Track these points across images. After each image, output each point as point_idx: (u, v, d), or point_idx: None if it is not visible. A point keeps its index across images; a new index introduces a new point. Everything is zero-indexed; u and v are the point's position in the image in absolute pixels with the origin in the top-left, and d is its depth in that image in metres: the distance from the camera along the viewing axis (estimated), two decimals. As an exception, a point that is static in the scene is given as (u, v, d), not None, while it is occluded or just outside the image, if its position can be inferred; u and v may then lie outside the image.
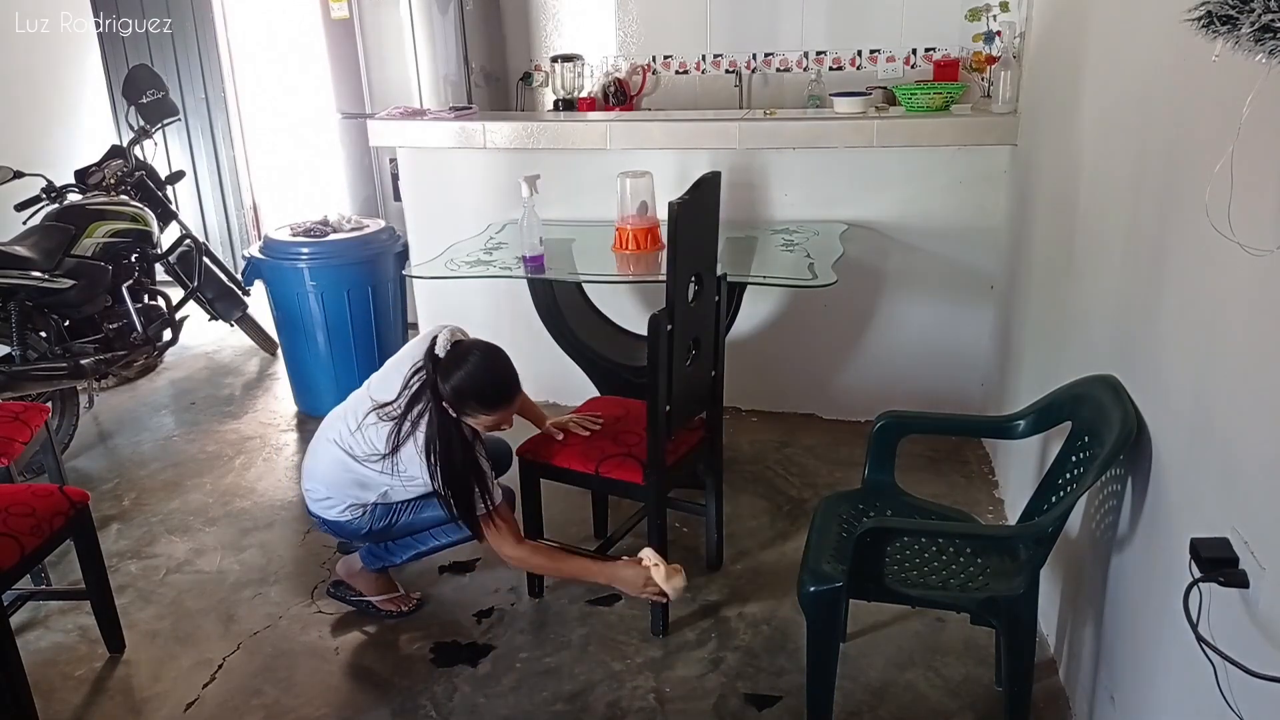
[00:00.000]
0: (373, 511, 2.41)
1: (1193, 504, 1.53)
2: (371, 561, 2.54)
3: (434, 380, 2.25)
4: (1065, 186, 2.42)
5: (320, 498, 2.43)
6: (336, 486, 2.39)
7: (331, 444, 2.38)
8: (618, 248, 3.16)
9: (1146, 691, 1.69)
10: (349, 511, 2.41)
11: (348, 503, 2.39)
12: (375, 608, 2.57)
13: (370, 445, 2.30)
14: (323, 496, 2.42)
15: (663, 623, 2.45)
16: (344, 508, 2.40)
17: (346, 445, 2.34)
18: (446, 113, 3.89)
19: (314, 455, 2.46)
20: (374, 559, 2.54)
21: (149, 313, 4.24)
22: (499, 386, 2.29)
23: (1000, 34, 3.16)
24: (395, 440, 2.26)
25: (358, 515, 2.41)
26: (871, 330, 3.57)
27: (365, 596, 2.58)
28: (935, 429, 2.84)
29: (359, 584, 2.58)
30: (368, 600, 2.58)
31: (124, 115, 5.12)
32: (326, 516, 2.43)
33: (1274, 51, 1.01)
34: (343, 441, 2.35)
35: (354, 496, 2.38)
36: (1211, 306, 1.47)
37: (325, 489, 2.41)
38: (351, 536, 2.49)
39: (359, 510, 2.41)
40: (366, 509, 2.41)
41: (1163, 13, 1.67)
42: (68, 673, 2.39)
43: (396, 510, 2.43)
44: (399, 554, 2.52)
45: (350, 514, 2.41)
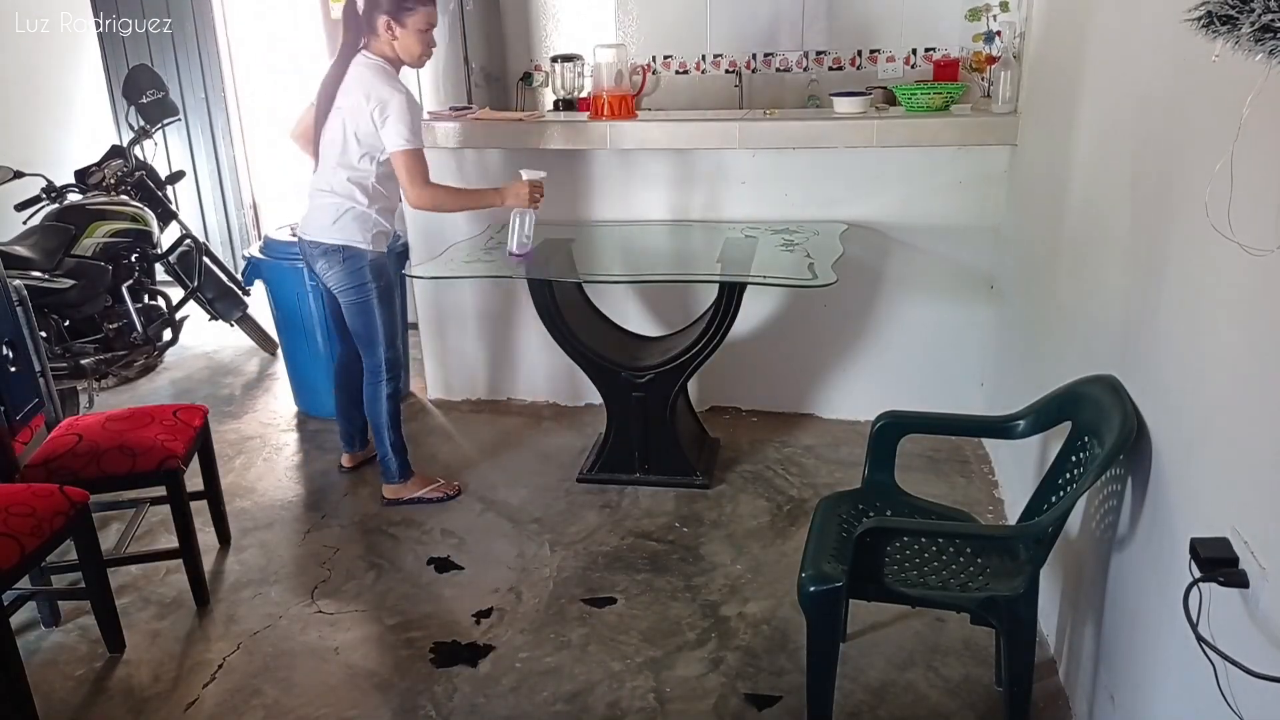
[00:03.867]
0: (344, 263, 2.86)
1: (1193, 504, 1.53)
2: (389, 476, 3.09)
3: (364, 14, 2.69)
4: (1065, 186, 2.42)
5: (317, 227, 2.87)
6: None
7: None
8: (594, 116, 3.49)
9: (1146, 691, 1.69)
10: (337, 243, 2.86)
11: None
12: (426, 499, 3.10)
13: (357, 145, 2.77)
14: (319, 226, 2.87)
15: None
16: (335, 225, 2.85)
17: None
18: (446, 113, 3.89)
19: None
20: (388, 473, 3.09)
21: (149, 313, 4.25)
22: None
23: (1000, 34, 3.16)
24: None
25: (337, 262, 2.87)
26: (871, 330, 3.58)
27: (411, 495, 3.09)
28: (935, 429, 2.83)
29: (405, 492, 3.09)
30: (416, 498, 3.09)
31: (124, 115, 5.12)
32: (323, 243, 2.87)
33: (1274, 51, 1.01)
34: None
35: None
36: (1212, 306, 1.47)
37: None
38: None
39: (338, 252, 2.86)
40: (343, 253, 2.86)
41: (1163, 13, 1.67)
42: (68, 673, 2.39)
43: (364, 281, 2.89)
44: (383, 455, 3.07)
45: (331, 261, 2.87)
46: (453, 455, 3.52)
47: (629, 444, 3.20)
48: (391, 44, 2.73)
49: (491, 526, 3.00)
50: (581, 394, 3.77)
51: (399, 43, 2.72)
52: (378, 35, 2.72)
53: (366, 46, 2.75)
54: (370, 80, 2.70)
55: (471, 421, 3.83)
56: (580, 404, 3.86)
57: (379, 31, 2.71)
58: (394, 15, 2.68)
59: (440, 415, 3.91)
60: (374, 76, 2.70)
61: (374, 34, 2.72)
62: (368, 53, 2.74)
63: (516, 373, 3.95)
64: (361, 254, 2.86)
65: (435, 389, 4.06)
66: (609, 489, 3.20)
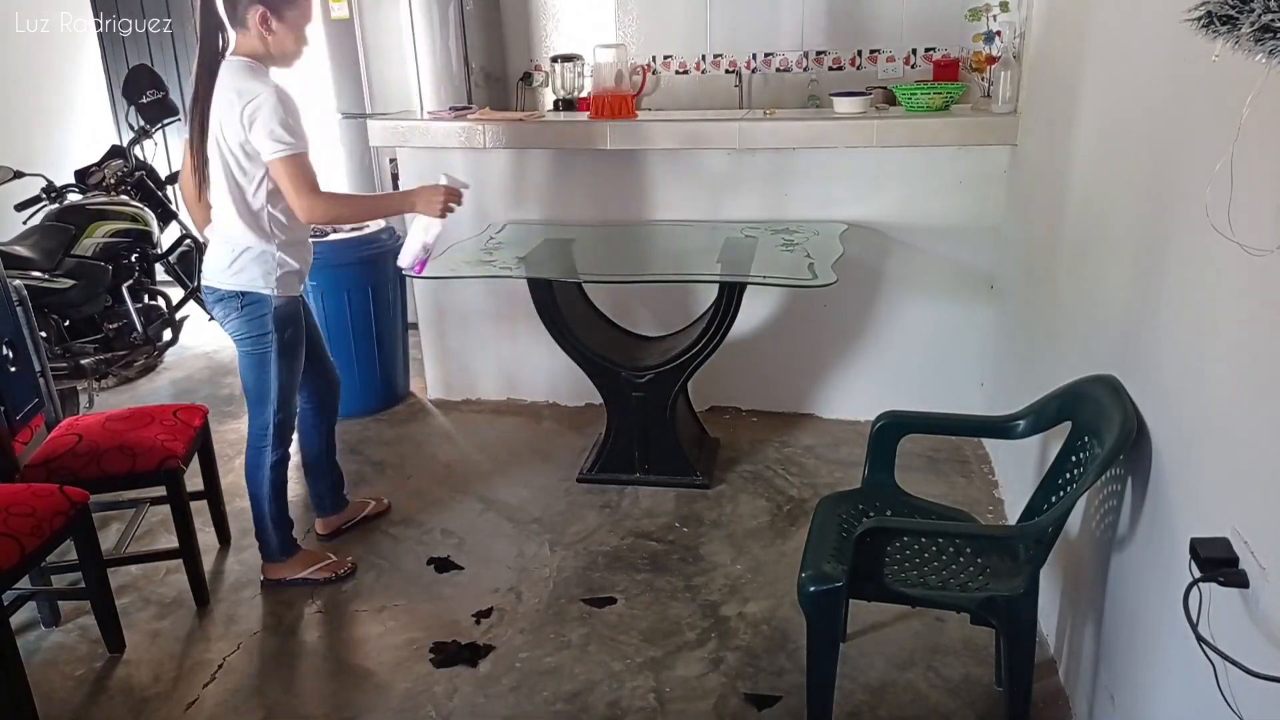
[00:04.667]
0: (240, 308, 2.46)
1: (1193, 504, 1.53)
2: (270, 554, 2.71)
3: (228, 8, 2.31)
4: (1065, 186, 2.42)
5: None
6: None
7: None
8: (594, 116, 3.51)
9: (1146, 691, 1.69)
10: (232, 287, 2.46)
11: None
12: (311, 579, 2.71)
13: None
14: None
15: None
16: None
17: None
18: (446, 113, 3.89)
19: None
20: (268, 551, 2.71)
21: (149, 313, 4.25)
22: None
23: (1000, 34, 3.16)
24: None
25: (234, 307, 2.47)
26: (871, 330, 3.58)
27: (297, 575, 2.71)
28: (935, 429, 2.83)
29: (287, 572, 2.72)
30: (303, 578, 2.71)
31: (124, 115, 5.13)
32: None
33: (1274, 51, 1.01)
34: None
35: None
36: (1211, 306, 1.47)
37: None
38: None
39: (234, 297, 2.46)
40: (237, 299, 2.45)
41: (1163, 13, 1.67)
42: (68, 672, 2.39)
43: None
44: (262, 535, 2.69)
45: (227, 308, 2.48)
46: (453, 455, 3.52)
47: (629, 444, 3.20)
48: (264, 39, 2.34)
49: (491, 526, 3.00)
50: (581, 394, 3.77)
51: (273, 39, 2.34)
52: (246, 30, 2.34)
53: (228, 48, 2.37)
54: (239, 79, 2.31)
55: (471, 421, 3.83)
56: (580, 404, 3.86)
57: (249, 26, 2.33)
58: (272, 7, 2.31)
59: (440, 415, 3.91)
60: (240, 75, 2.32)
61: (242, 29, 2.34)
62: (235, 55, 2.36)
63: (516, 373, 3.95)
64: (264, 300, 2.45)
65: (435, 389, 4.06)
66: (609, 489, 3.20)
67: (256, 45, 2.36)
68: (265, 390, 2.54)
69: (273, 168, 2.33)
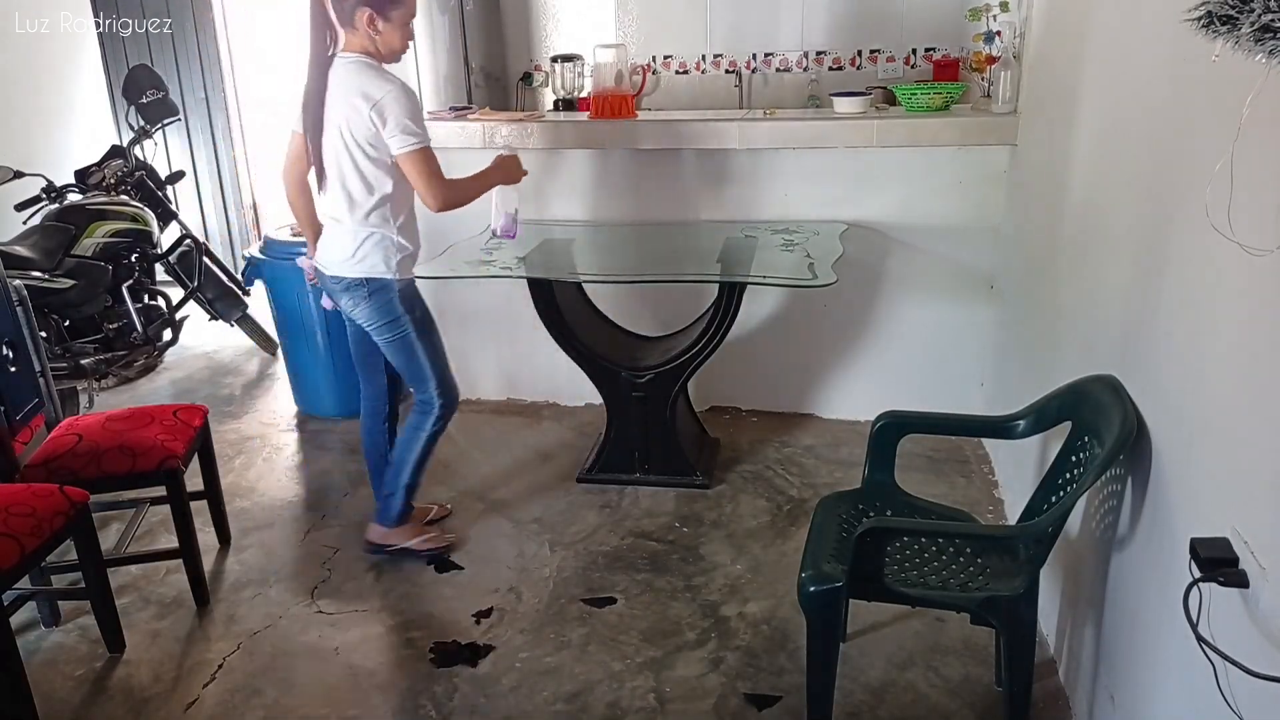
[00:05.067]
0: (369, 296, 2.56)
1: (1193, 504, 1.53)
2: (383, 515, 2.79)
3: (337, 9, 2.41)
4: (1065, 186, 2.42)
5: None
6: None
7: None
8: (594, 116, 3.51)
9: (1146, 691, 1.69)
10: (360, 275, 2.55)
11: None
12: (414, 553, 2.79)
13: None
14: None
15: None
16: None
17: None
18: (446, 113, 3.89)
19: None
20: (383, 510, 2.79)
21: (149, 313, 4.25)
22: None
23: (1000, 34, 3.16)
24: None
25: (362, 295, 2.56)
26: (871, 330, 3.58)
27: (398, 545, 2.80)
28: (935, 429, 2.83)
29: (394, 539, 2.80)
30: (402, 549, 2.79)
31: (124, 115, 5.13)
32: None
33: (1274, 51, 1.01)
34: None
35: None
36: (1212, 306, 1.47)
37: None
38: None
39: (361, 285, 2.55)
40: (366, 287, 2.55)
41: (1163, 13, 1.67)
42: (68, 673, 2.39)
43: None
44: (391, 491, 2.76)
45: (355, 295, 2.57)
46: (453, 455, 3.52)
47: (629, 444, 3.20)
48: (373, 39, 2.44)
49: (491, 526, 3.00)
50: (581, 394, 3.76)
51: (381, 38, 2.44)
52: (355, 30, 2.43)
53: (340, 46, 2.47)
54: (362, 79, 2.42)
55: (471, 421, 3.82)
56: (580, 404, 3.86)
57: (357, 26, 2.42)
58: (378, 8, 2.41)
59: (440, 415, 3.91)
60: (362, 74, 2.43)
61: (350, 29, 2.44)
62: (345, 53, 2.46)
63: (516, 373, 3.95)
64: (388, 284, 2.56)
65: (435, 389, 4.06)
66: (609, 489, 3.20)
67: (366, 44, 2.45)
68: (419, 369, 2.66)
69: (403, 161, 2.44)
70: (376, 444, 2.87)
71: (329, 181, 2.53)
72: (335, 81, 2.44)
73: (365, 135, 2.43)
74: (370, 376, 2.82)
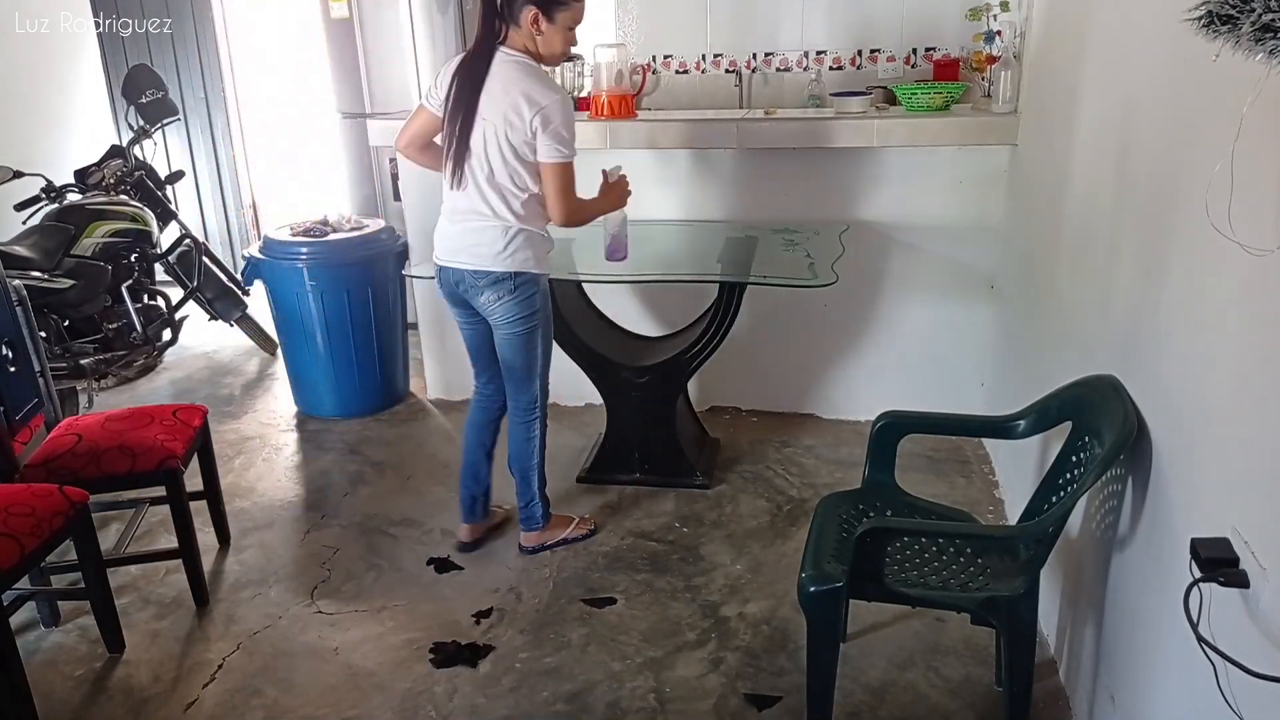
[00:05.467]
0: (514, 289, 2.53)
1: (1193, 504, 1.53)
2: (529, 521, 2.83)
3: (504, 3, 2.39)
4: (1065, 186, 2.42)
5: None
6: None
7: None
8: (594, 116, 3.49)
9: (1147, 691, 1.69)
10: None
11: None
12: (570, 540, 2.87)
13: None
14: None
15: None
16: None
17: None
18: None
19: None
20: (527, 518, 2.83)
21: (149, 313, 4.25)
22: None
23: (1000, 34, 3.16)
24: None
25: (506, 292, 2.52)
26: (871, 330, 3.58)
27: (556, 539, 2.86)
28: (935, 429, 2.83)
29: (548, 537, 2.85)
30: (561, 540, 2.86)
31: (124, 115, 5.12)
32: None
33: (1274, 51, 1.01)
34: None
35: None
36: (1212, 306, 1.47)
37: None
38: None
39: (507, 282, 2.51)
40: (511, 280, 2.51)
41: (1163, 13, 1.67)
42: (68, 673, 2.39)
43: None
44: (529, 499, 2.81)
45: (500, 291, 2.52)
46: (453, 455, 3.52)
47: (629, 444, 3.20)
48: (534, 38, 2.41)
49: (491, 526, 3.00)
50: (581, 394, 3.76)
51: (543, 38, 2.42)
52: (519, 28, 2.40)
53: (504, 40, 2.43)
54: (527, 82, 2.38)
55: (471, 421, 3.82)
56: (580, 404, 3.85)
57: (521, 24, 2.39)
58: (544, 8, 2.38)
59: (440, 415, 3.91)
60: (529, 77, 2.39)
61: (514, 26, 2.40)
62: (509, 49, 2.42)
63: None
64: (535, 279, 2.55)
65: (435, 389, 4.06)
66: (609, 489, 3.19)
67: (528, 42, 2.43)
68: (533, 365, 2.66)
69: (546, 169, 2.44)
70: (484, 441, 2.85)
71: (472, 175, 2.46)
72: (497, 75, 2.40)
73: (523, 137, 2.41)
74: (493, 376, 2.78)
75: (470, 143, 2.43)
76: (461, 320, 2.70)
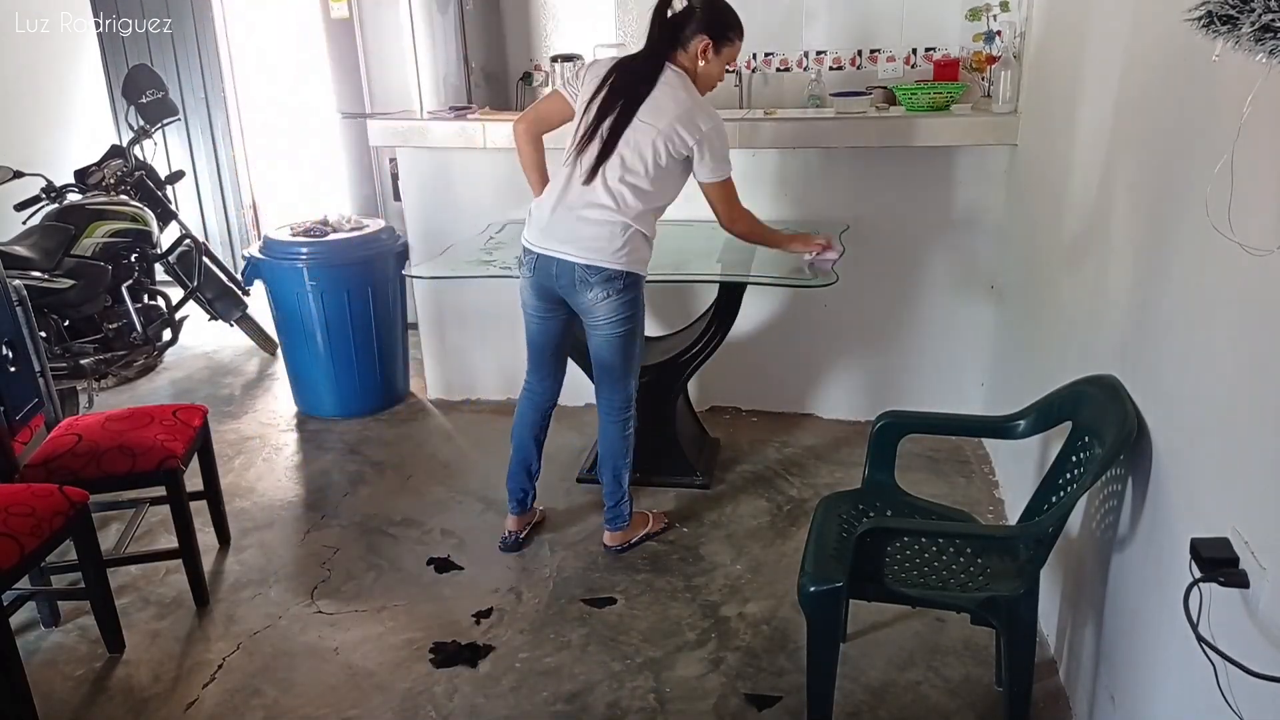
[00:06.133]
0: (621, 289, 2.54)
1: (1193, 504, 1.53)
2: (616, 520, 2.83)
3: (678, 23, 2.49)
4: (1065, 186, 2.42)
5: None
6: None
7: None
8: None
9: (1147, 691, 1.69)
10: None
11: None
12: (650, 536, 2.89)
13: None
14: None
15: None
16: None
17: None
18: (446, 112, 3.89)
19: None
20: (615, 518, 2.83)
21: (149, 313, 4.25)
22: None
23: (1000, 34, 3.16)
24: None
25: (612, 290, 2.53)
26: (871, 330, 3.57)
27: (638, 536, 2.87)
28: (935, 429, 2.83)
29: (633, 535, 2.86)
30: (642, 537, 2.88)
31: (124, 115, 5.12)
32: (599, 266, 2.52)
33: (1274, 51, 1.01)
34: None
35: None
36: (1212, 306, 1.47)
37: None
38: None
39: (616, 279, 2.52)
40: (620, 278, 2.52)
41: (1163, 13, 1.67)
42: (68, 673, 2.39)
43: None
44: (618, 499, 2.81)
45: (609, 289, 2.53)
46: (453, 455, 3.52)
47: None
48: (697, 64, 2.50)
49: (491, 526, 3.00)
50: (581, 394, 3.76)
51: (707, 66, 2.51)
52: (686, 51, 2.49)
53: (672, 59, 2.50)
54: (694, 103, 2.46)
55: (471, 421, 3.82)
56: (580, 404, 3.85)
57: (689, 48, 2.49)
58: (716, 39, 2.49)
59: (440, 415, 3.91)
60: (695, 99, 2.47)
61: (682, 49, 2.49)
62: (675, 65, 2.49)
63: (516, 373, 3.91)
64: (639, 280, 2.59)
65: (435, 389, 4.06)
66: (609, 489, 3.19)
67: (691, 66, 2.51)
68: (631, 364, 2.68)
69: (713, 188, 2.56)
70: (538, 440, 2.89)
71: (608, 174, 2.47)
72: (666, 86, 2.46)
73: (680, 154, 2.47)
74: (552, 374, 2.84)
75: (620, 142, 2.45)
76: (538, 314, 2.71)
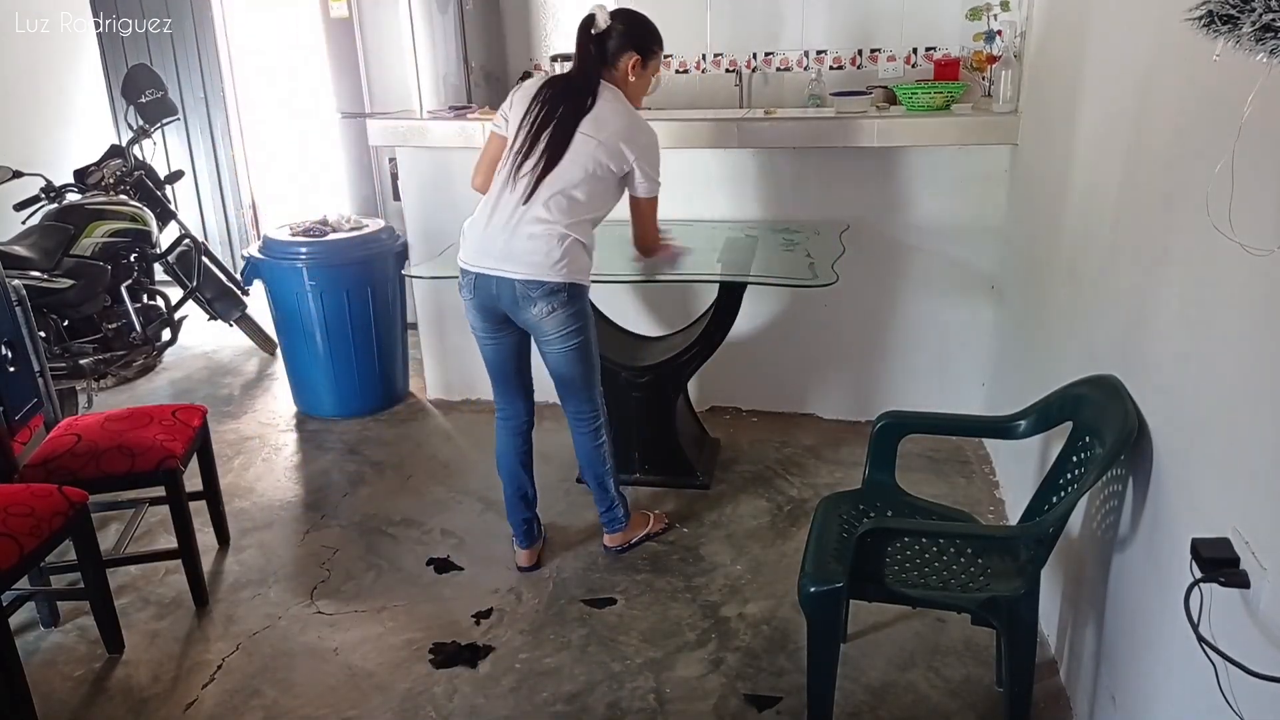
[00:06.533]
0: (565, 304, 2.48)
1: (1193, 504, 1.53)
2: (612, 523, 2.82)
3: (605, 41, 2.50)
4: (1065, 186, 2.42)
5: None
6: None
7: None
8: None
9: (1147, 692, 1.69)
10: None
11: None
12: (650, 537, 2.89)
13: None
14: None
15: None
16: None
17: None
18: (446, 112, 3.89)
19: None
20: (610, 521, 2.82)
21: (148, 312, 4.25)
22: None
23: (1001, 33, 3.16)
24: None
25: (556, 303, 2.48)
26: (871, 330, 3.57)
27: (639, 536, 2.87)
28: (935, 429, 2.83)
29: (632, 536, 2.86)
30: (643, 537, 2.88)
31: (123, 115, 5.12)
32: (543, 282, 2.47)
33: (1275, 51, 1.01)
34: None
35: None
36: (1212, 306, 1.47)
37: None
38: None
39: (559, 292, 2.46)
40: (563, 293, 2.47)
41: (1163, 12, 1.66)
42: (67, 673, 2.39)
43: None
44: (609, 504, 2.80)
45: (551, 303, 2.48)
46: (453, 455, 3.52)
47: (629, 444, 3.19)
48: (627, 80, 2.52)
49: (491, 526, 3.00)
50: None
51: (635, 81, 2.53)
52: (615, 69, 2.50)
53: (604, 75, 2.51)
54: (634, 121, 2.47)
55: (471, 422, 3.82)
56: (580, 404, 3.85)
57: (619, 65, 2.50)
58: (643, 54, 2.52)
59: (440, 416, 3.91)
60: (634, 116, 2.49)
61: (612, 67, 2.50)
62: (609, 82, 2.50)
63: (516, 373, 3.94)
64: (584, 290, 2.53)
65: (435, 389, 4.06)
66: (609, 489, 3.19)
67: (621, 83, 2.53)
68: (591, 374, 2.65)
69: (640, 202, 2.57)
70: (525, 465, 2.77)
71: (543, 189, 2.42)
72: (607, 109, 2.46)
73: (620, 168, 2.48)
74: (520, 394, 2.73)
75: (561, 159, 2.42)
76: (487, 335, 2.62)
